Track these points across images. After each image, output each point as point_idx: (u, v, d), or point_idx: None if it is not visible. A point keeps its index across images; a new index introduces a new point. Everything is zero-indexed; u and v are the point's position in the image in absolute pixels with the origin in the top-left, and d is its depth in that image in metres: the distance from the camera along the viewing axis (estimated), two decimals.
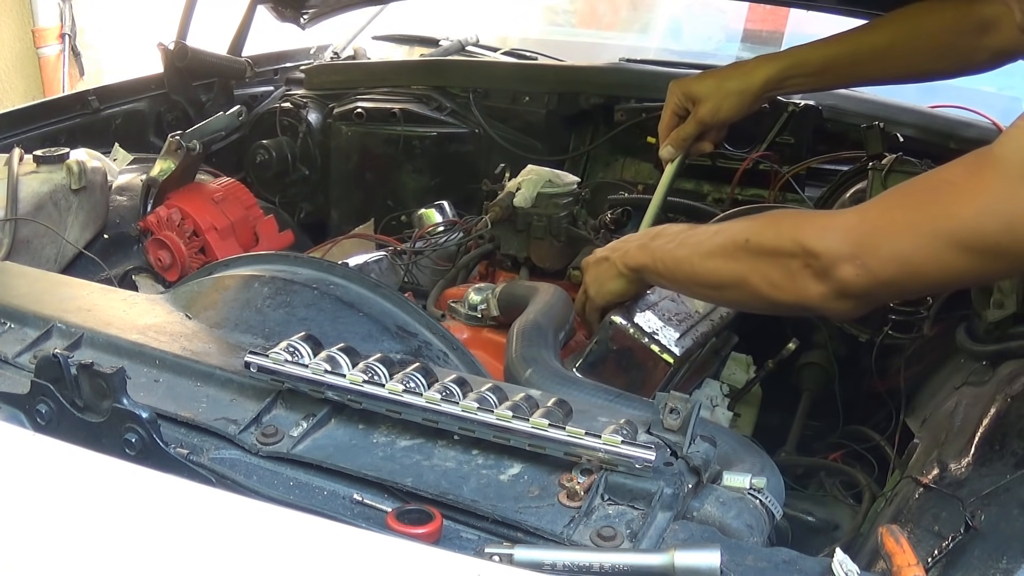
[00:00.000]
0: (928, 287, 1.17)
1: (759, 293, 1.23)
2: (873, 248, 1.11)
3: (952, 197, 1.07)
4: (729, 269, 1.26)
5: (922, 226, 1.08)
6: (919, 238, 1.08)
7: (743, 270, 1.24)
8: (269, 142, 2.55)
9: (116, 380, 0.93)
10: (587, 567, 0.80)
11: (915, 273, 1.10)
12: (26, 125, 2.23)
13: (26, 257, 1.81)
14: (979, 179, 1.05)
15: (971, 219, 1.04)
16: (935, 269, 1.08)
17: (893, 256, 1.10)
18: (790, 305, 1.23)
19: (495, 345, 1.51)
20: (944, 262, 1.07)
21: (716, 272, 1.29)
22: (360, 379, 0.96)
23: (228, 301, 1.34)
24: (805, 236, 1.16)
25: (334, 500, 0.93)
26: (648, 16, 4.32)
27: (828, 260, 1.13)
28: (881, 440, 1.71)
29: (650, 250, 1.40)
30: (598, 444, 0.88)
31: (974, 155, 1.08)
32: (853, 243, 1.12)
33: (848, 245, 1.12)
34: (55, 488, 0.81)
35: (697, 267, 1.32)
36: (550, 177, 1.85)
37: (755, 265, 1.22)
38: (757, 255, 1.22)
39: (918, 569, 0.77)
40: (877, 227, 1.13)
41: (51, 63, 5.17)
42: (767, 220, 1.27)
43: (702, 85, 1.73)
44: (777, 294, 1.21)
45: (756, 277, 1.22)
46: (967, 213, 1.04)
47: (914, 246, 1.08)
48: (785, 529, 1.38)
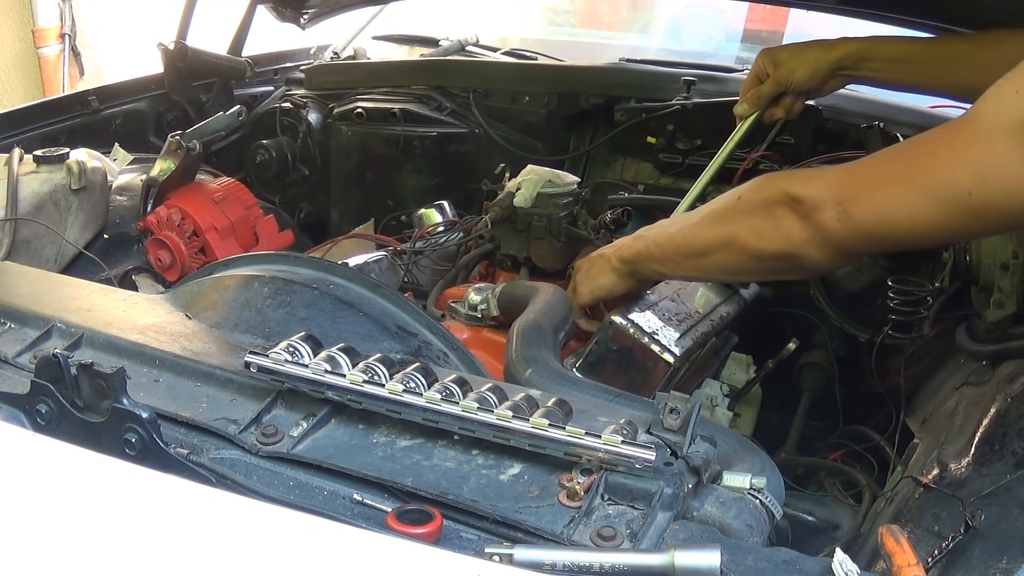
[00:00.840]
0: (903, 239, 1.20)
1: (746, 247, 1.29)
2: (855, 196, 1.17)
3: (932, 152, 1.13)
4: (719, 231, 1.34)
5: (901, 178, 1.14)
6: (897, 189, 1.14)
7: (732, 229, 1.31)
8: (269, 142, 2.55)
9: (116, 380, 0.93)
10: (587, 567, 0.80)
11: (891, 223, 1.15)
12: (26, 125, 2.23)
13: (26, 257, 1.81)
14: (957, 136, 1.11)
15: (947, 171, 1.09)
16: (909, 219, 1.13)
17: (872, 205, 1.15)
18: (775, 254, 1.27)
19: (495, 345, 1.51)
20: (919, 213, 1.12)
21: (706, 236, 1.36)
22: (360, 379, 0.96)
23: (228, 301, 1.34)
24: (792, 185, 1.24)
25: (334, 500, 0.93)
26: (648, 16, 4.32)
27: (811, 204, 1.19)
28: (881, 440, 1.71)
29: (644, 238, 1.47)
30: (598, 444, 0.88)
31: (957, 118, 1.14)
32: (837, 191, 1.18)
33: (832, 192, 1.19)
34: (55, 488, 0.81)
35: (688, 236, 1.39)
36: (550, 177, 1.85)
37: (744, 220, 1.30)
38: (747, 210, 1.30)
39: (918, 569, 0.77)
40: (861, 178, 1.19)
41: (51, 63, 5.17)
42: (760, 178, 1.33)
43: (784, 50, 1.80)
44: (763, 244, 1.27)
45: (744, 232, 1.29)
46: (943, 166, 1.10)
47: (892, 196, 1.14)
48: (785, 529, 1.38)
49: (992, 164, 1.05)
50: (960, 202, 1.08)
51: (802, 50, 1.76)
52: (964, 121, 1.12)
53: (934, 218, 1.11)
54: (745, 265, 1.35)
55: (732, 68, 2.53)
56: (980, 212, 1.08)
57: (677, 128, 2.22)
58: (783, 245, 1.25)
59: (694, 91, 2.26)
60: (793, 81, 1.74)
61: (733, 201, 1.33)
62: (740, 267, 1.36)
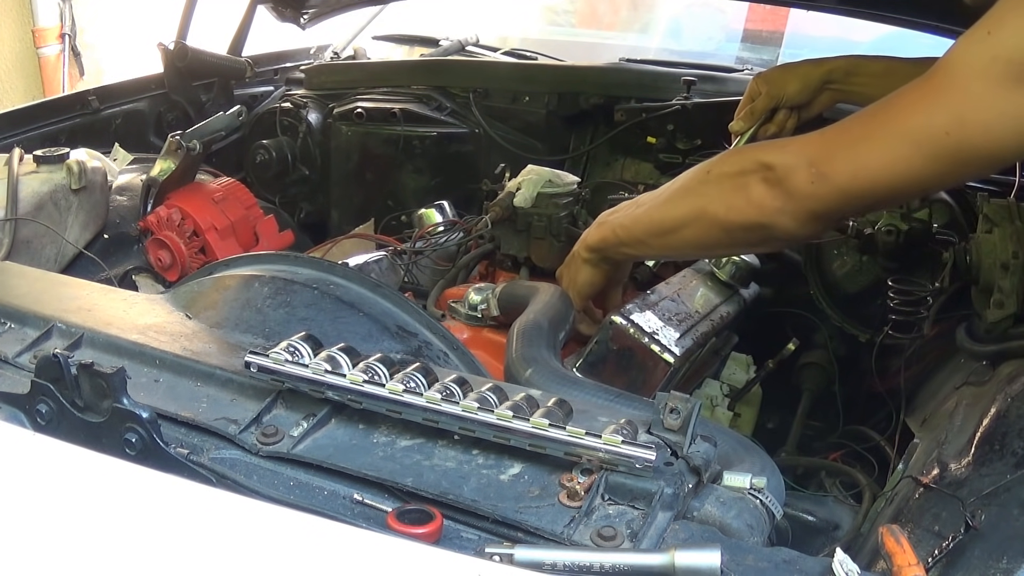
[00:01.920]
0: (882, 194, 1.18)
1: (717, 219, 1.27)
2: (829, 156, 1.16)
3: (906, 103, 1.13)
4: (688, 205, 1.32)
5: (877, 131, 1.14)
6: (873, 141, 1.13)
7: (701, 202, 1.29)
8: (269, 142, 2.55)
9: (116, 380, 0.93)
10: (587, 567, 0.79)
11: (868, 177, 1.14)
12: (26, 125, 2.23)
13: (26, 257, 1.81)
14: (929, 83, 1.11)
15: (922, 117, 1.09)
16: (887, 170, 1.12)
17: (848, 161, 1.15)
18: (746, 224, 1.26)
19: (495, 345, 1.51)
20: (896, 162, 1.11)
21: (674, 212, 1.34)
22: (360, 379, 0.96)
23: (228, 301, 1.34)
24: (764, 153, 1.22)
25: (334, 500, 0.93)
26: (648, 16, 4.32)
27: (783, 170, 1.18)
28: (881, 440, 1.71)
29: (607, 223, 1.45)
30: (598, 444, 0.88)
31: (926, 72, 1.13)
32: (810, 152, 1.18)
33: (804, 155, 1.18)
34: (55, 488, 0.81)
35: (655, 215, 1.37)
36: (550, 177, 1.85)
37: (714, 191, 1.28)
38: (717, 182, 1.28)
39: (918, 569, 0.77)
40: (834, 138, 1.18)
41: (51, 63, 5.17)
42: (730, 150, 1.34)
43: (775, 69, 1.82)
44: (733, 215, 1.25)
45: (714, 204, 1.27)
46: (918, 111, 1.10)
47: (868, 149, 1.13)
48: (785, 529, 1.38)
49: (968, 103, 1.06)
50: (938, 144, 1.08)
51: (793, 66, 1.79)
52: (936, 68, 1.11)
53: (913, 165, 1.11)
54: (716, 238, 1.33)
55: (732, 68, 2.54)
56: (958, 153, 1.08)
57: (677, 128, 2.22)
58: (754, 215, 1.23)
59: (694, 91, 2.26)
60: (785, 94, 1.74)
61: (702, 175, 1.31)
62: (710, 240, 1.34)
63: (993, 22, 1.07)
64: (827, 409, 1.92)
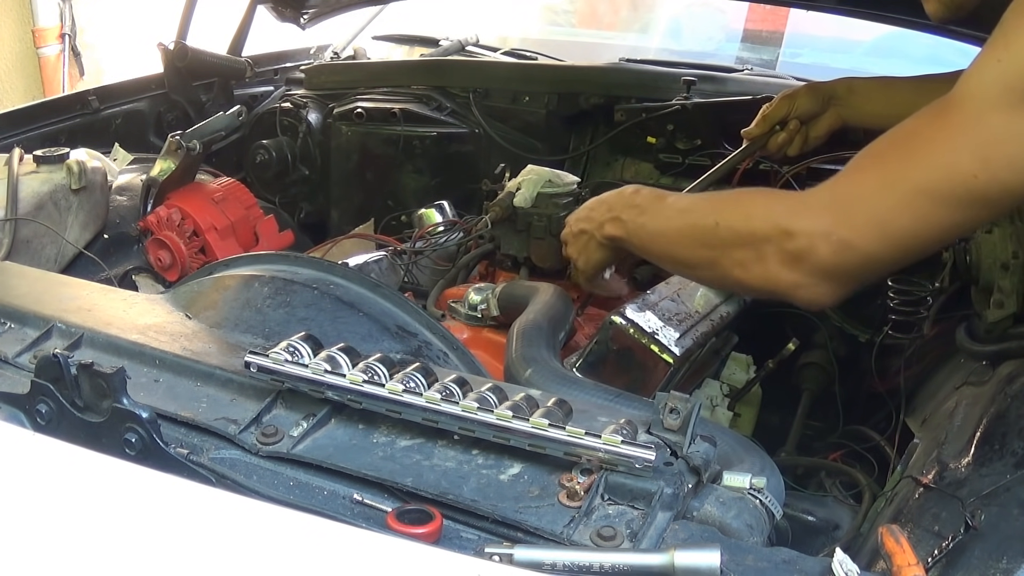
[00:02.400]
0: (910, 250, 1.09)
1: (731, 276, 1.21)
2: (848, 218, 1.07)
3: (920, 145, 1.05)
4: (701, 253, 1.25)
5: (895, 184, 1.05)
6: (893, 196, 1.05)
7: (713, 255, 1.22)
8: (269, 142, 2.55)
9: (116, 380, 0.93)
10: (587, 567, 0.79)
11: (895, 237, 1.06)
12: (26, 125, 2.23)
13: (26, 257, 1.81)
14: (944, 121, 1.03)
15: (944, 162, 1.01)
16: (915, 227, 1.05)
17: (870, 222, 1.06)
18: (764, 291, 1.21)
19: (495, 345, 1.51)
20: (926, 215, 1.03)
21: (687, 254, 1.29)
22: (360, 379, 0.96)
23: (228, 301, 1.34)
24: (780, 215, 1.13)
25: (334, 500, 0.93)
26: (648, 16, 4.32)
27: (805, 242, 1.09)
28: (881, 440, 1.71)
29: (623, 224, 1.41)
30: (598, 444, 0.88)
31: (935, 103, 1.06)
32: (827, 218, 1.08)
33: (821, 221, 1.08)
34: (55, 488, 0.81)
35: (669, 247, 1.33)
36: (550, 177, 1.85)
37: (725, 250, 1.20)
38: (727, 240, 1.19)
39: (918, 569, 0.77)
40: (849, 195, 1.09)
41: (51, 63, 5.17)
42: (735, 202, 1.24)
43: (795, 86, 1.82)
44: (750, 279, 1.18)
45: (727, 261, 1.20)
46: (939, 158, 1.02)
47: (889, 207, 1.05)
48: (785, 529, 1.38)
49: (991, 138, 0.99)
50: (968, 189, 1.00)
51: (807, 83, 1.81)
52: (950, 103, 1.03)
53: (942, 218, 1.03)
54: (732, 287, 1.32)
55: (732, 68, 2.54)
56: (987, 193, 1.00)
57: (677, 128, 2.22)
58: (773, 286, 1.16)
59: (694, 91, 2.26)
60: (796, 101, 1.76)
61: (710, 226, 1.22)
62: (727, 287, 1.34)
63: (1001, 47, 1.01)
64: (827, 409, 1.92)
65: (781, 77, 2.46)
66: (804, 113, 1.77)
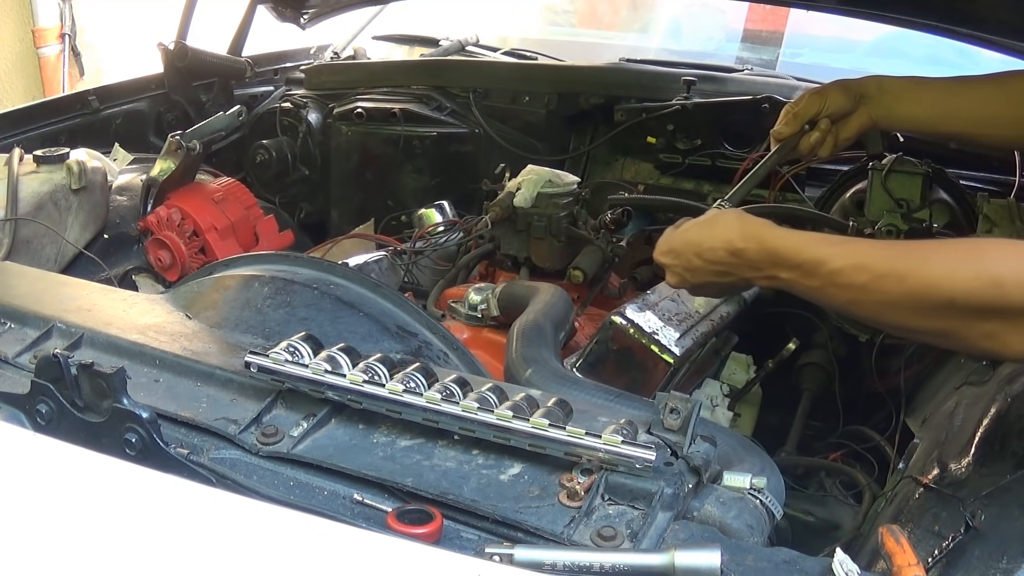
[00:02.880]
0: None
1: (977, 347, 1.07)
2: None
3: None
4: (926, 325, 1.08)
5: None
6: None
7: (946, 327, 1.06)
8: (269, 142, 2.56)
9: (116, 380, 0.93)
10: (587, 567, 0.80)
11: None
12: (26, 125, 2.23)
13: (26, 257, 1.81)
14: None
15: None
16: None
17: None
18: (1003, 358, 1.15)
19: (495, 345, 1.51)
20: None
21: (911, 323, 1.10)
22: (360, 379, 0.96)
23: (228, 301, 1.34)
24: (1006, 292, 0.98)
25: (334, 500, 0.93)
26: (648, 16, 4.32)
27: None
28: (881, 440, 1.71)
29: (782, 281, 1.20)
30: (598, 444, 0.88)
31: None
32: None
33: None
34: (55, 488, 0.81)
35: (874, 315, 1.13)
36: (550, 177, 1.85)
37: (966, 322, 1.04)
38: (968, 312, 1.03)
39: (918, 569, 0.77)
40: None
41: (51, 63, 5.17)
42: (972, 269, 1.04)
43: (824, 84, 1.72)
44: (1006, 351, 1.04)
45: (970, 333, 1.04)
46: None
47: None
48: (785, 529, 1.38)
49: None
50: None
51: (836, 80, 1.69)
52: None
53: None
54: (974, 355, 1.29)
55: (732, 68, 2.54)
56: None
57: (677, 128, 2.22)
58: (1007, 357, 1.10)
59: (694, 91, 2.26)
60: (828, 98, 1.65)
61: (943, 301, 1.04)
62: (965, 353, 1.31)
63: None
64: (827, 409, 1.92)
65: (781, 77, 2.46)
66: (836, 111, 1.66)
